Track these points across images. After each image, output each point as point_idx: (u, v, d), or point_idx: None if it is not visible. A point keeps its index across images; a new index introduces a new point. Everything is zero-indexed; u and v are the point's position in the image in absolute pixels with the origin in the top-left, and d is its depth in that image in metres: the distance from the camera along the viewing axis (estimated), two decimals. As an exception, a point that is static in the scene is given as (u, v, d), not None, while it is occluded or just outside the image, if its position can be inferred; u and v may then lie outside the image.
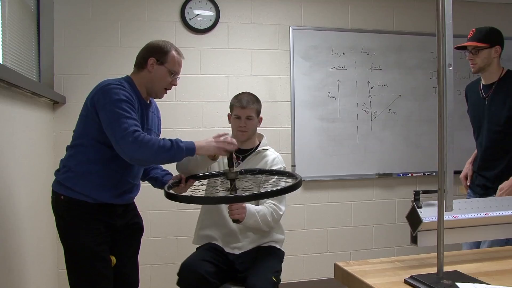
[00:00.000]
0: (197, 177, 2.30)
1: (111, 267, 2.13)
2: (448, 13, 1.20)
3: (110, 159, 2.06)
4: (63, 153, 3.43)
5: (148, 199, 3.47)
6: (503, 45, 2.64)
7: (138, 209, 2.41)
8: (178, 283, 2.38)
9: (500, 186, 2.53)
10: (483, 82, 2.71)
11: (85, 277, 2.06)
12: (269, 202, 2.52)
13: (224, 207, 2.53)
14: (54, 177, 2.17)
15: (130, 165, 2.11)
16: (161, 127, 2.42)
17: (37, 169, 2.85)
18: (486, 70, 2.64)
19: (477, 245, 2.48)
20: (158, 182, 2.36)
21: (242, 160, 2.62)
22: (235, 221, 2.35)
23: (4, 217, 2.20)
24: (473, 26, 2.68)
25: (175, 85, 2.22)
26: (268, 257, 2.53)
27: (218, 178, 2.33)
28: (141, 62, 2.16)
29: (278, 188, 2.06)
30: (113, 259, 2.16)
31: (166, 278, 3.60)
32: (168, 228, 3.61)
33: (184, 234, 3.39)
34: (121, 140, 1.94)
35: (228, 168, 2.12)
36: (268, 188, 2.46)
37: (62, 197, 2.07)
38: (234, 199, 2.11)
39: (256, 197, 2.23)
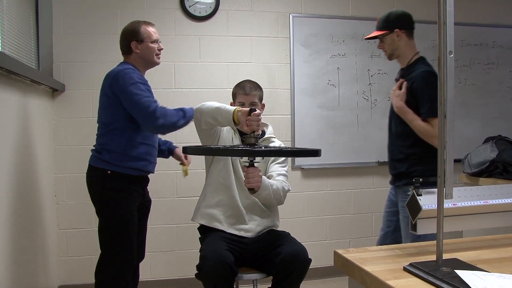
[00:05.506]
0: None
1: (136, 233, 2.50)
2: (449, 0, 1.20)
3: (142, 133, 2.46)
4: (63, 141, 3.44)
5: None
6: (407, 27, 2.56)
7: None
8: (201, 276, 2.27)
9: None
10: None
11: (118, 239, 2.41)
12: (280, 178, 2.52)
13: (235, 186, 2.52)
14: (92, 155, 2.50)
15: (152, 134, 2.57)
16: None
17: (37, 157, 2.85)
18: (396, 55, 2.59)
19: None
20: (164, 151, 2.85)
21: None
22: (250, 189, 2.32)
23: (4, 206, 2.20)
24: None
25: (162, 48, 2.60)
26: (287, 236, 2.55)
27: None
28: (127, 49, 2.56)
29: (306, 148, 2.02)
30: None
31: (166, 266, 3.62)
32: (168, 216, 3.62)
33: (184, 221, 3.39)
34: (148, 117, 2.35)
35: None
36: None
37: (109, 171, 2.42)
38: (258, 153, 2.03)
39: (281, 153, 2.32)
